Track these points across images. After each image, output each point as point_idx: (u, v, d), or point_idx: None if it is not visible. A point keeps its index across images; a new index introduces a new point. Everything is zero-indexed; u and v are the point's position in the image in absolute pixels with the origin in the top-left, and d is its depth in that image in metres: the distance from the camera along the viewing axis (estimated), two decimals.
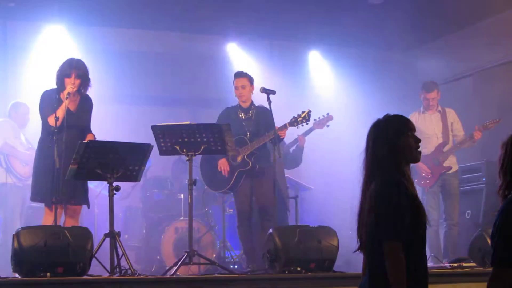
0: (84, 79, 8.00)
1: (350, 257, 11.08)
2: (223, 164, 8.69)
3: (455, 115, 9.92)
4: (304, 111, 8.68)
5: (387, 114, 4.37)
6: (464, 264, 8.00)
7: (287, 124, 8.63)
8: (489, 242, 7.63)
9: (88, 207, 8.23)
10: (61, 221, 8.25)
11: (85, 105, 8.13)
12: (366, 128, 4.39)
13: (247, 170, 8.66)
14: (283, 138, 8.86)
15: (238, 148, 8.63)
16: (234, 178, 8.68)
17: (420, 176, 9.64)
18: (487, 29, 11.58)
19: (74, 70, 7.93)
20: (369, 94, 12.67)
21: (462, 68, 11.91)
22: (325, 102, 12.36)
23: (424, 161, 9.49)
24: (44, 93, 8.03)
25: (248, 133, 8.71)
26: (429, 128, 9.79)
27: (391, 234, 4.06)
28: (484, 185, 10.18)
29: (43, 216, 7.92)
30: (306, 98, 11.88)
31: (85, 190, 8.05)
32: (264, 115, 8.77)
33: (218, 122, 8.79)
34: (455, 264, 8.04)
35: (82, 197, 8.02)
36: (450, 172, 9.71)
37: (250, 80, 8.88)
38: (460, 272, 7.49)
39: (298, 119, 8.64)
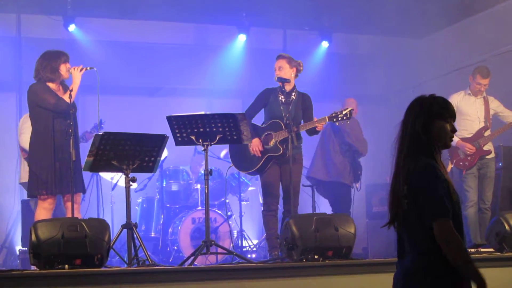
0: None
1: (367, 244, 11.16)
2: (255, 144, 8.51)
3: (498, 102, 9.85)
4: (347, 109, 8.45)
5: (433, 95, 4.28)
6: (482, 250, 7.96)
7: (327, 118, 8.39)
8: (507, 228, 7.65)
9: (84, 193, 8.28)
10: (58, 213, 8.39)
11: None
12: (380, 115, 4.34)
13: (277, 156, 8.49)
14: (319, 131, 8.65)
15: (272, 132, 8.53)
16: (262, 161, 8.52)
17: (459, 158, 9.58)
18: (502, 13, 11.49)
19: (67, 57, 8.11)
20: (384, 82, 12.64)
21: (477, 53, 11.80)
22: (338, 91, 12.35)
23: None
24: (36, 85, 8.04)
25: (284, 118, 8.45)
26: (472, 111, 9.72)
27: (441, 212, 3.98)
28: (500, 170, 10.15)
29: (37, 210, 7.94)
30: (319, 87, 11.84)
31: (82, 178, 8.17)
32: (304, 103, 8.64)
33: (256, 99, 8.75)
34: (473, 250, 8.00)
35: (82, 185, 8.15)
36: (489, 156, 9.64)
37: (289, 61, 8.63)
38: (478, 257, 7.43)
39: (339, 115, 8.37)
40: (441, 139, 4.20)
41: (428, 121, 4.17)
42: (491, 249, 7.90)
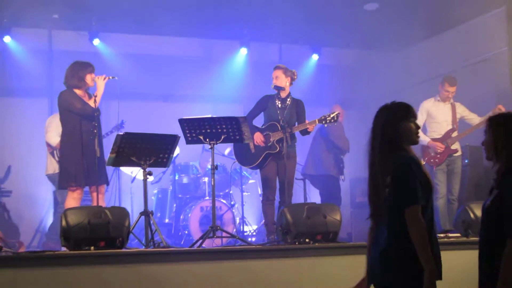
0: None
1: (351, 230, 11.21)
2: (258, 136, 8.56)
3: (464, 107, 9.85)
4: (334, 112, 8.51)
5: (393, 101, 4.34)
6: (450, 235, 7.99)
7: (317, 120, 8.45)
8: (472, 216, 7.68)
9: (107, 185, 8.32)
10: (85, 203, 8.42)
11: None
12: (362, 118, 4.40)
13: (274, 153, 8.51)
14: (310, 132, 8.70)
15: (270, 133, 8.55)
16: (261, 158, 8.54)
17: (430, 155, 9.61)
18: (470, 30, 11.51)
19: (93, 68, 8.13)
20: (366, 89, 12.65)
21: (448, 65, 11.79)
22: (327, 97, 12.35)
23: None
24: (65, 91, 8.08)
25: (280, 121, 8.49)
26: (441, 115, 9.72)
27: (411, 199, 4.02)
28: (467, 166, 10.19)
29: (67, 199, 7.97)
30: (310, 94, 11.85)
31: (106, 172, 8.21)
32: (298, 107, 8.67)
33: (256, 105, 8.79)
34: (442, 235, 8.00)
35: (106, 178, 8.16)
36: (456, 154, 9.66)
37: (285, 71, 8.67)
38: (446, 241, 7.47)
39: (328, 118, 8.45)
40: (408, 137, 4.24)
41: (394, 124, 4.22)
42: (458, 234, 7.91)
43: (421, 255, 3.97)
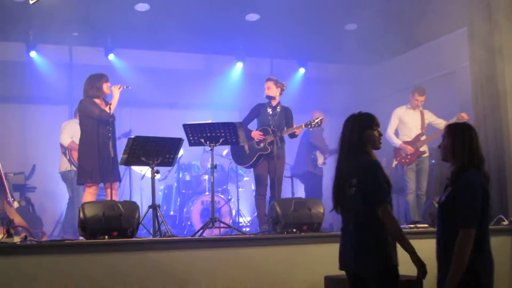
0: None
1: (333, 221, 11.21)
2: (256, 134, 8.59)
3: (431, 113, 9.84)
4: (318, 118, 8.55)
5: (360, 111, 4.37)
6: (419, 225, 8.00)
7: (303, 125, 8.49)
8: None
9: (120, 182, 8.29)
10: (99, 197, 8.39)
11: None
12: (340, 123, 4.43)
13: (266, 154, 8.52)
14: (297, 135, 8.73)
15: (263, 136, 8.56)
16: (254, 158, 8.55)
17: (402, 156, 9.60)
18: (437, 46, 11.54)
19: (107, 78, 8.12)
20: (346, 99, 12.66)
21: (418, 77, 11.80)
22: (312, 106, 12.35)
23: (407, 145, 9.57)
24: (85, 99, 8.05)
25: (272, 125, 8.52)
26: (411, 121, 9.70)
27: (383, 199, 4.08)
28: (433, 166, 10.20)
29: (84, 194, 7.96)
30: (297, 102, 11.85)
31: (119, 170, 8.16)
32: (286, 114, 8.69)
33: (250, 112, 8.80)
34: (412, 225, 8.03)
35: (118, 176, 8.13)
36: (424, 155, 9.65)
37: (276, 83, 8.69)
38: (416, 231, 7.49)
39: (312, 123, 8.47)
40: (371, 143, 4.29)
41: (360, 131, 4.26)
42: (426, 225, 7.94)
43: (401, 244, 4.07)
